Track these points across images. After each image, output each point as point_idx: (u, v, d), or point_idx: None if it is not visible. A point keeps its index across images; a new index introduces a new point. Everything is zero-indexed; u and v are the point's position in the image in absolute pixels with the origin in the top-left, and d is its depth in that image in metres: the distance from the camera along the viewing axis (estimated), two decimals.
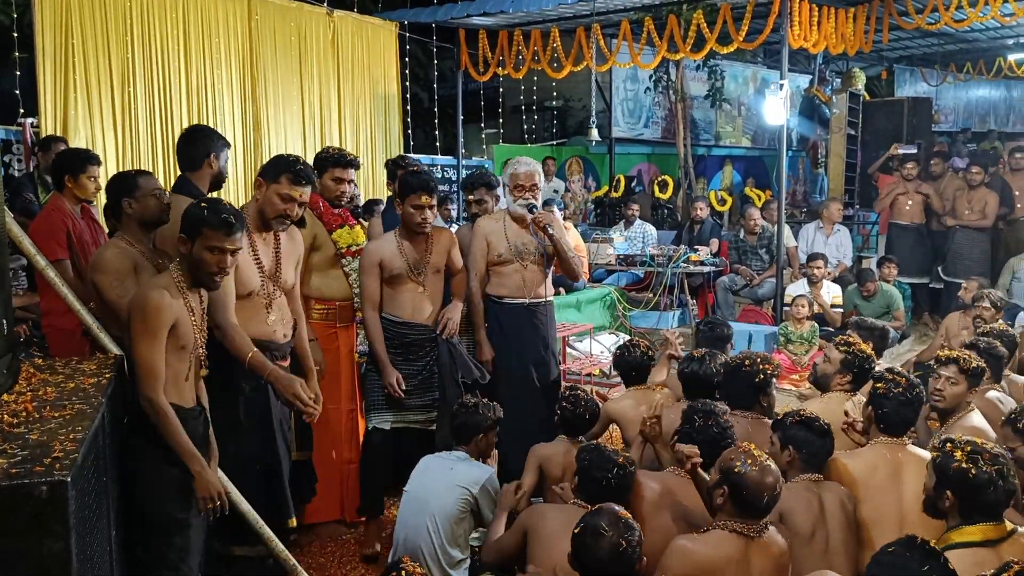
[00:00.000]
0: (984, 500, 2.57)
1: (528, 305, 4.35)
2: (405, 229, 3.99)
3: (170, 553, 2.80)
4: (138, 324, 2.71)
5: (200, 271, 2.78)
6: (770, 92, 8.44)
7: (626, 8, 9.12)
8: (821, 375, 4.12)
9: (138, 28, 7.05)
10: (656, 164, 12.96)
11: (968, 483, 2.57)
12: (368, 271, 3.97)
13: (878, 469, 3.14)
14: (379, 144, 9.54)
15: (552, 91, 13.07)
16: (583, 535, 2.49)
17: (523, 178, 4.31)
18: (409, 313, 3.99)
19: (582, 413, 3.78)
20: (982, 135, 15.20)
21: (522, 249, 4.31)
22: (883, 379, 3.30)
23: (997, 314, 5.85)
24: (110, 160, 6.80)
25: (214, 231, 2.75)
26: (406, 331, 4.00)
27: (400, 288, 3.98)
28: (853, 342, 4.09)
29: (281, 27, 8.31)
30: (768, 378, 3.72)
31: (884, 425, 3.23)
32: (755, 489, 2.64)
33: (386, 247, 3.98)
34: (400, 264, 3.95)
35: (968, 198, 8.42)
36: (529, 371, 4.34)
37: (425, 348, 4.02)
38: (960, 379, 3.58)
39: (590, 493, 3.00)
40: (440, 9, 9.53)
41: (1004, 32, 10.91)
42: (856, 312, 7.68)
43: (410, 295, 3.98)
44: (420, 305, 4.01)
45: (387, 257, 3.94)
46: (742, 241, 8.50)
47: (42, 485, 1.81)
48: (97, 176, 4.33)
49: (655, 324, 8.16)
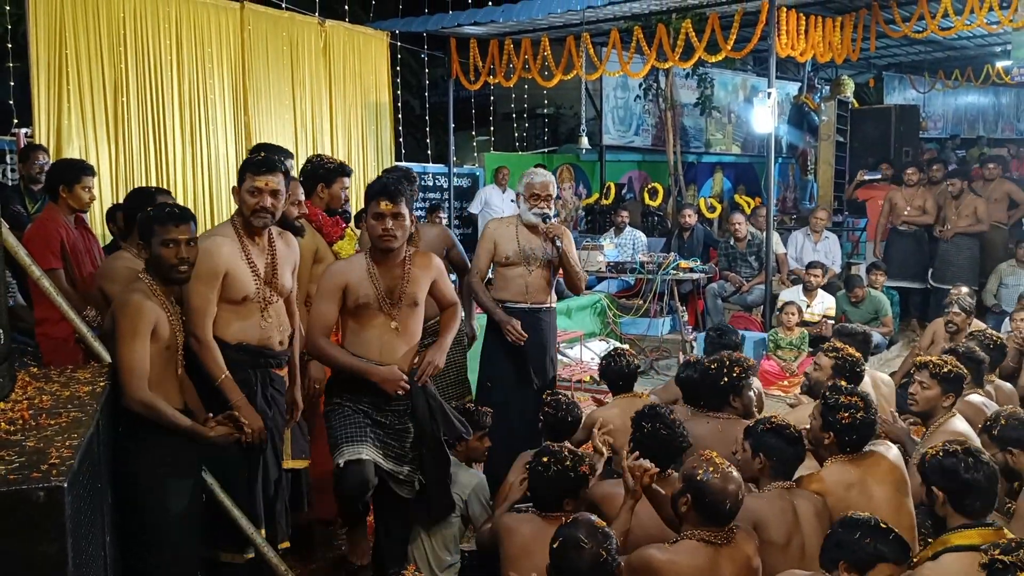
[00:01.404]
0: (966, 481, 2.62)
1: (530, 310, 4.43)
2: (374, 249, 3.37)
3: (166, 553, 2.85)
4: (122, 326, 2.86)
5: (162, 267, 2.94)
6: (758, 100, 8.51)
7: (615, 17, 9.20)
8: (814, 383, 4.15)
9: (131, 38, 7.09)
10: (647, 171, 13.04)
11: (946, 469, 2.64)
12: (328, 295, 3.31)
13: (851, 486, 3.12)
14: (371, 152, 9.59)
15: (543, 99, 13.15)
16: (564, 548, 2.52)
17: (539, 188, 4.40)
18: (377, 353, 3.31)
19: (564, 417, 3.84)
20: (971, 141, 15.32)
21: (530, 255, 4.40)
22: (839, 406, 3.22)
23: (968, 318, 5.92)
24: (103, 170, 6.83)
25: (162, 225, 2.93)
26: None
27: (368, 322, 3.33)
28: (841, 347, 4.16)
29: (273, 37, 8.36)
30: (736, 380, 3.75)
31: (845, 446, 3.21)
32: (718, 496, 2.67)
33: (354, 269, 3.33)
34: (369, 291, 3.30)
35: (955, 205, 8.52)
36: (529, 375, 4.42)
37: (397, 398, 3.36)
38: (932, 384, 3.64)
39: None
40: (431, 18, 9.59)
41: (991, 40, 11.03)
42: (845, 318, 7.76)
43: (379, 332, 3.33)
44: (391, 345, 3.34)
45: (354, 281, 3.30)
46: (731, 248, 8.57)
47: (40, 491, 1.85)
48: (91, 186, 4.37)
49: (645, 331, 8.22)
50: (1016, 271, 8.06)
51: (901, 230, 8.84)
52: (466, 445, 3.82)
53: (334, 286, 3.30)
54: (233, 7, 8.00)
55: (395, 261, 3.35)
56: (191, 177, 7.62)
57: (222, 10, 7.90)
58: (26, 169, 5.61)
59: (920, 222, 8.76)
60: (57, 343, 3.89)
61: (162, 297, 2.94)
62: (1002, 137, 16.55)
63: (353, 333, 3.36)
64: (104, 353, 3.11)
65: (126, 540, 2.88)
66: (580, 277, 4.55)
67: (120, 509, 2.84)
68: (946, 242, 8.54)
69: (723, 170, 13.40)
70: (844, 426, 3.16)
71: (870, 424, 3.21)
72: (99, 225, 6.47)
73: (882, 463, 3.17)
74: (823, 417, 3.24)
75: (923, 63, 13.64)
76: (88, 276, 4.19)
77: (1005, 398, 4.42)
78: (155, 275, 2.96)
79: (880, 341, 7.61)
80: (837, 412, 3.18)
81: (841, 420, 3.16)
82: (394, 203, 3.24)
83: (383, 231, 3.26)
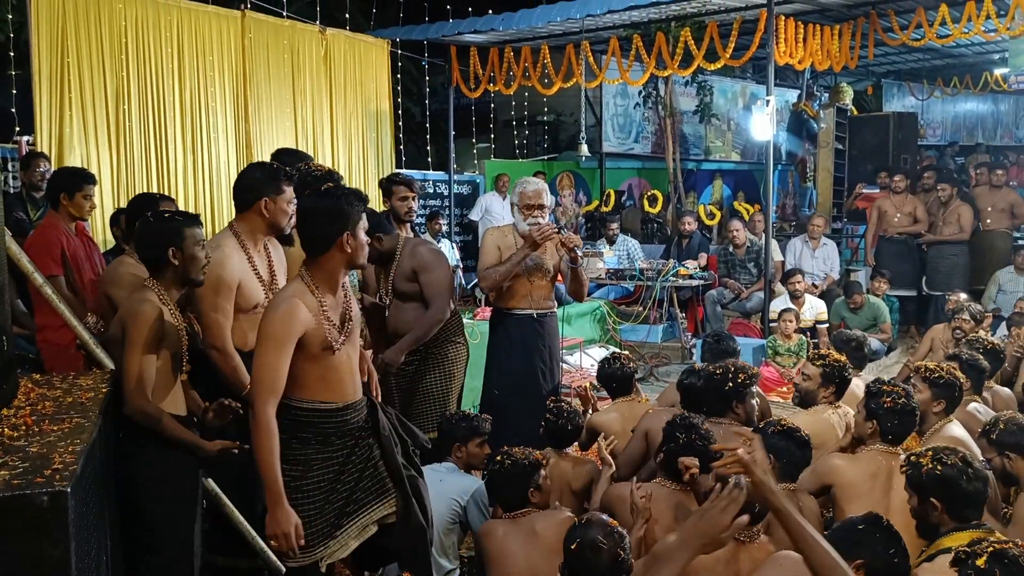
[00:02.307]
0: (965, 491, 2.65)
1: (536, 316, 4.51)
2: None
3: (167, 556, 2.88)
4: (133, 335, 2.84)
5: (194, 270, 2.96)
6: (756, 108, 8.55)
7: (615, 25, 9.25)
8: (805, 393, 4.20)
9: (133, 47, 7.13)
10: (646, 179, 13.07)
11: (945, 481, 2.66)
12: (284, 345, 2.67)
13: (870, 473, 3.24)
14: (371, 160, 9.63)
15: (544, 106, 13.20)
16: (582, 550, 2.53)
17: (531, 197, 4.42)
18: (351, 392, 2.88)
19: (564, 424, 3.87)
20: (970, 149, 15.35)
21: (531, 264, 4.44)
22: (881, 392, 3.40)
23: (977, 326, 5.95)
24: (104, 178, 6.86)
25: (190, 228, 2.97)
26: (348, 415, 2.87)
27: (329, 363, 2.80)
28: (826, 354, 4.21)
29: (274, 45, 8.41)
30: (739, 387, 3.78)
31: (887, 435, 3.34)
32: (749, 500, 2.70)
33: (307, 312, 2.71)
34: (327, 332, 2.75)
35: (943, 211, 8.58)
36: (537, 379, 4.49)
37: (364, 428, 2.97)
38: (923, 388, 3.68)
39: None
40: (432, 27, 9.64)
41: (989, 47, 11.08)
42: (844, 325, 7.79)
43: (345, 368, 2.85)
44: (355, 377, 2.93)
45: (312, 327, 2.72)
46: (731, 255, 8.60)
47: (43, 495, 1.87)
48: (92, 195, 4.41)
49: (645, 337, 8.25)
50: (1015, 277, 8.09)
51: (891, 237, 8.89)
52: (465, 451, 3.84)
53: (292, 335, 2.68)
54: (234, 15, 8.05)
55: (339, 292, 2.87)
56: (192, 185, 7.65)
57: (223, 18, 7.95)
58: (28, 176, 5.65)
59: (911, 231, 8.80)
60: (58, 349, 3.93)
61: (170, 304, 2.95)
62: (1001, 144, 16.57)
63: (318, 380, 2.79)
64: (106, 359, 3.14)
65: (127, 543, 2.91)
66: (587, 285, 4.63)
67: (121, 513, 2.86)
68: (933, 249, 8.61)
69: (723, 177, 13.43)
70: (886, 411, 3.31)
71: (911, 412, 3.36)
72: (100, 232, 6.51)
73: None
74: (866, 406, 3.39)
75: (922, 70, 13.68)
76: (89, 283, 4.23)
77: (1003, 404, 4.44)
78: (166, 280, 2.96)
79: (879, 348, 7.64)
80: (880, 398, 3.35)
81: (884, 404, 3.32)
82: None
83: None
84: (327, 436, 2.84)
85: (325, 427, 2.83)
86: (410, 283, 4.12)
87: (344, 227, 2.73)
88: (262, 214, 3.23)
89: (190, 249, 2.95)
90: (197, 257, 2.96)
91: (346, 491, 2.90)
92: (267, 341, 2.69)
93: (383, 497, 2.96)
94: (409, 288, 4.14)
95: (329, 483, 2.86)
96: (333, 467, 2.87)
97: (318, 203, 2.76)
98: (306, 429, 2.81)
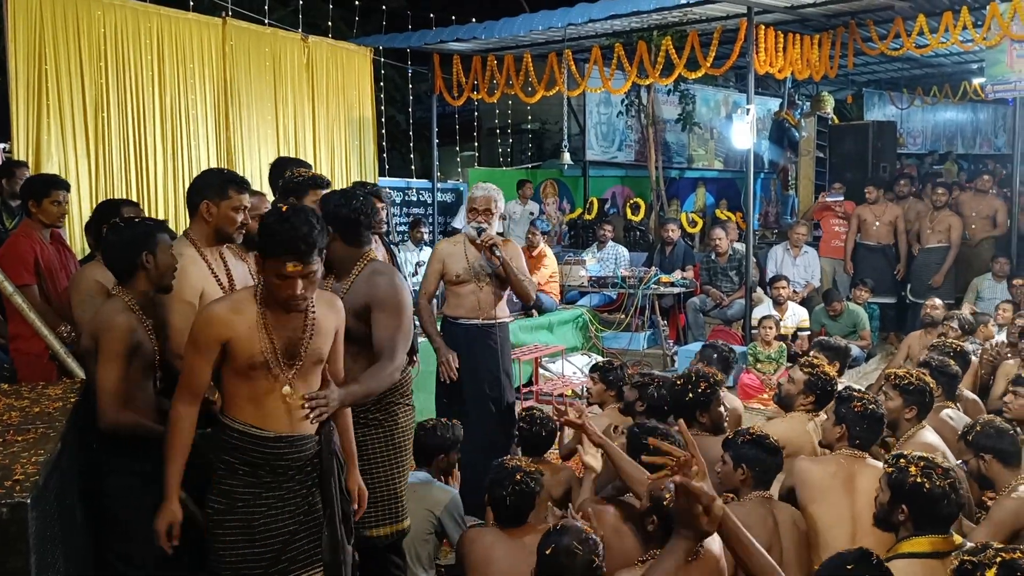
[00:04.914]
0: (937, 513, 2.67)
1: (482, 326, 4.48)
2: (270, 296, 2.59)
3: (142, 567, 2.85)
4: (106, 348, 2.83)
5: (167, 275, 2.99)
6: (736, 116, 8.59)
7: (597, 34, 9.29)
8: (785, 395, 4.21)
9: (112, 53, 7.09)
10: (629, 186, 13.11)
11: (923, 497, 2.67)
12: (203, 347, 2.55)
13: (834, 475, 3.25)
14: (354, 167, 9.61)
15: (528, 114, 13.22)
16: (556, 556, 2.53)
17: (478, 202, 4.48)
18: (288, 423, 2.61)
19: (539, 431, 3.87)
20: (946, 157, 15.51)
21: (479, 271, 4.46)
22: (850, 397, 3.45)
23: (963, 337, 5.99)
24: (83, 185, 6.82)
25: (163, 234, 3.03)
26: (279, 449, 2.60)
27: (256, 386, 2.59)
28: (817, 364, 4.20)
29: (255, 52, 8.38)
30: (701, 396, 3.79)
31: (855, 440, 3.37)
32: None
33: (240, 320, 2.54)
34: (260, 349, 2.55)
35: (931, 219, 8.63)
36: (483, 390, 4.46)
37: (306, 471, 2.68)
38: (894, 395, 3.71)
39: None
40: (414, 35, 9.65)
41: (967, 57, 11.19)
42: (824, 331, 7.83)
43: (273, 398, 2.60)
44: (290, 415, 2.62)
45: (240, 336, 2.54)
46: (713, 262, 8.63)
47: (2, 507, 1.86)
48: (62, 201, 4.35)
49: (627, 345, 8.27)
50: (994, 285, 8.16)
51: (870, 245, 8.95)
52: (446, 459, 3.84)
53: (212, 338, 2.54)
54: (215, 22, 8.03)
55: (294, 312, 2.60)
56: (172, 193, 7.60)
57: (204, 25, 7.92)
58: (10, 185, 5.61)
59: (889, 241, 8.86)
60: (31, 359, 3.90)
61: (140, 312, 2.95)
62: (980, 153, 16.75)
63: (247, 401, 2.59)
64: (78, 369, 3.12)
65: (102, 552, 2.88)
66: (525, 285, 4.54)
67: (96, 522, 2.84)
68: (920, 256, 8.66)
69: (706, 185, 13.50)
70: (856, 416, 3.34)
71: (879, 418, 3.40)
72: (79, 240, 6.46)
73: (876, 474, 3.22)
74: (836, 411, 3.44)
75: (902, 80, 13.82)
76: (63, 292, 4.19)
77: (972, 409, 4.47)
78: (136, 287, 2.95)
79: (858, 354, 7.69)
80: (850, 403, 3.39)
81: (853, 409, 3.35)
82: (305, 263, 2.48)
83: (289, 295, 2.51)
84: (255, 467, 2.59)
85: (253, 456, 2.58)
86: (357, 320, 3.10)
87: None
88: (205, 219, 3.13)
89: (163, 254, 2.95)
90: (169, 262, 2.96)
91: (278, 544, 2.61)
92: (189, 341, 2.61)
93: (313, 566, 2.68)
94: (355, 326, 3.07)
95: (261, 528, 2.59)
96: (261, 507, 2.59)
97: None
98: (233, 453, 2.58)
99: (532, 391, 6.94)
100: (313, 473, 2.68)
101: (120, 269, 2.98)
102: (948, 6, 8.23)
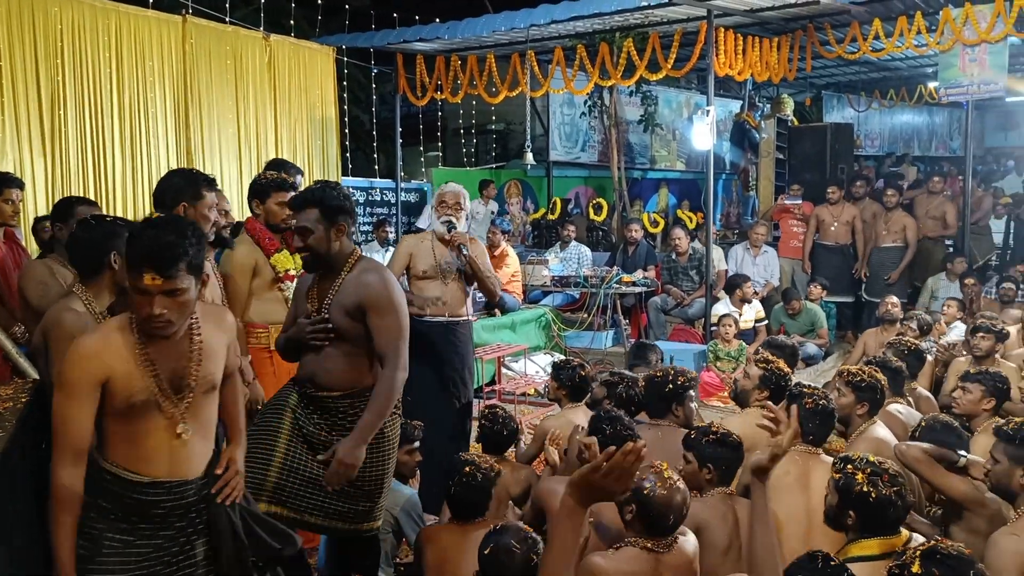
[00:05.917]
0: (884, 518, 2.72)
1: (447, 323, 4.49)
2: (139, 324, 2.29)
3: None
4: (57, 346, 2.77)
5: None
6: (697, 118, 8.68)
7: (559, 35, 9.34)
8: (741, 391, 4.28)
9: (68, 50, 6.99)
10: (593, 187, 13.20)
11: (869, 504, 2.71)
12: (81, 393, 2.20)
13: (788, 472, 3.29)
14: (317, 167, 9.57)
15: (492, 115, 13.24)
16: (495, 554, 2.56)
17: (448, 196, 4.51)
18: (164, 469, 2.31)
19: (500, 429, 3.89)
20: (903, 159, 15.82)
21: (445, 267, 4.47)
22: (801, 394, 3.51)
23: (921, 337, 6.12)
24: (39, 184, 6.72)
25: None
26: (156, 496, 2.31)
27: (144, 426, 2.29)
28: (772, 359, 4.28)
29: (216, 51, 8.31)
30: (678, 389, 3.85)
31: (808, 435, 3.40)
32: (663, 510, 2.71)
33: (115, 354, 2.23)
34: (144, 385, 2.25)
35: (885, 219, 8.81)
36: (446, 387, 4.47)
37: (188, 517, 2.38)
38: (846, 391, 3.78)
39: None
40: (377, 34, 9.63)
41: (923, 61, 11.42)
42: (783, 330, 7.96)
43: (163, 438, 2.31)
44: (181, 453, 2.34)
45: (119, 374, 2.23)
46: (673, 262, 8.73)
47: None
48: (15, 199, 4.29)
49: (589, 344, 8.31)
50: (948, 284, 8.35)
51: (828, 245, 9.11)
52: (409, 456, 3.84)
53: (86, 381, 2.19)
54: (175, 20, 7.95)
55: (177, 335, 2.31)
56: (131, 192, 7.52)
57: (164, 23, 7.83)
58: None
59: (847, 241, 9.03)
60: None
61: (97, 312, 2.90)
62: (936, 155, 17.08)
63: (123, 441, 2.28)
64: (30, 369, 3.08)
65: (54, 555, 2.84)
66: (491, 283, 4.58)
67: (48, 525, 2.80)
68: (875, 256, 8.84)
69: (668, 186, 13.61)
70: (807, 412, 3.37)
71: (830, 413, 3.47)
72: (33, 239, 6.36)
73: (829, 471, 3.28)
74: (787, 408, 3.34)
75: (859, 83, 14.06)
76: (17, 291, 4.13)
77: (926, 405, 4.58)
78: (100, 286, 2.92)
79: (816, 352, 7.82)
80: (802, 399, 3.43)
81: (804, 405, 3.38)
82: (165, 277, 2.16)
83: (147, 314, 2.19)
84: (127, 514, 2.27)
85: (126, 501, 2.27)
86: (350, 320, 3.00)
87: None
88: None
89: None
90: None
91: None
92: (59, 387, 2.20)
93: None
94: (347, 325, 3.01)
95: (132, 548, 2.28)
96: (133, 557, 2.27)
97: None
98: (105, 497, 2.27)
99: (495, 390, 6.96)
100: (197, 520, 2.37)
101: (86, 267, 2.93)
102: (903, 10, 8.41)
